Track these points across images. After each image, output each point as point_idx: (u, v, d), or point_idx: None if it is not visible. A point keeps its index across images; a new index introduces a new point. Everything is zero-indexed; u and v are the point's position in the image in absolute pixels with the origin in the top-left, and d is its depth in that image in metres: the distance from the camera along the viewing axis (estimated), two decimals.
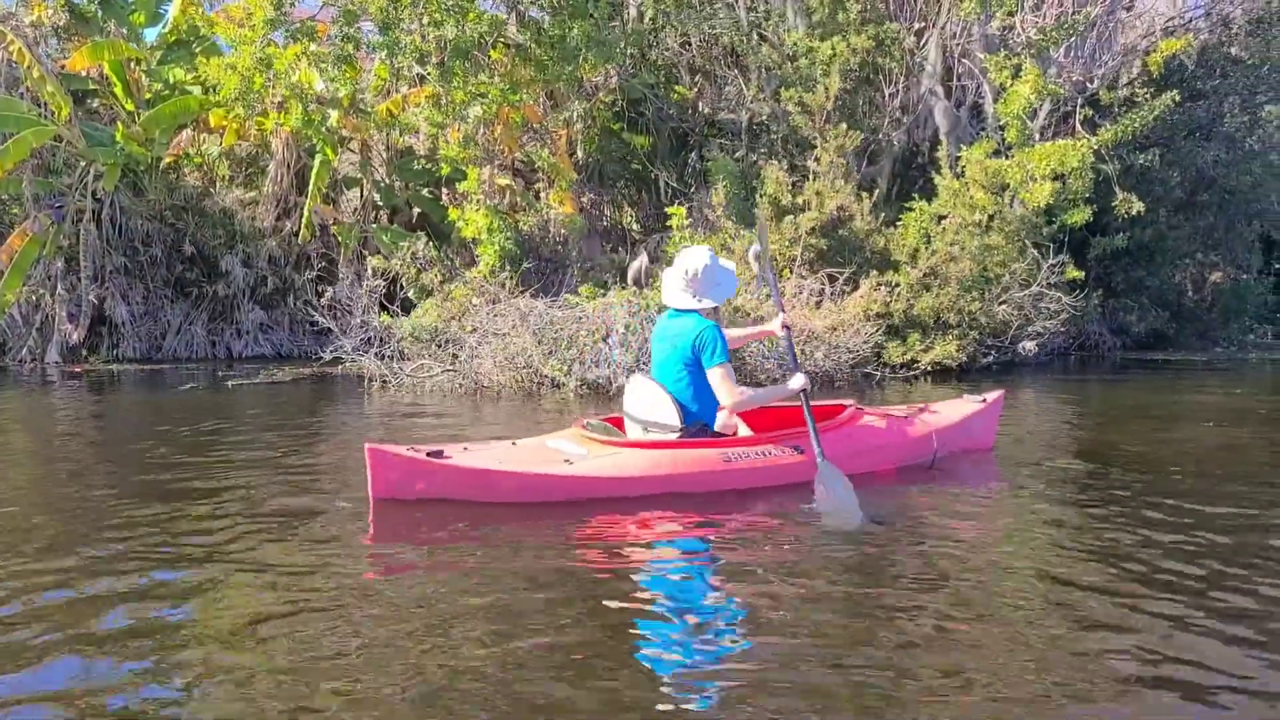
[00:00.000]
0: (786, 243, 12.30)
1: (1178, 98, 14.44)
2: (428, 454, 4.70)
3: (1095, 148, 13.65)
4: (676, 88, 17.87)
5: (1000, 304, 12.72)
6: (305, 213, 15.95)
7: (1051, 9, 15.26)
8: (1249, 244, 19.35)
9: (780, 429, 5.33)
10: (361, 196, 17.17)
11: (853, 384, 11.00)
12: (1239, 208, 18.37)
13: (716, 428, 5.07)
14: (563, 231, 15.21)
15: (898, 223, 13.60)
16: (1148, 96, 14.82)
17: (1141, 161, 15.24)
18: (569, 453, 4.85)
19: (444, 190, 17.38)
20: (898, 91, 15.45)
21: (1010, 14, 14.88)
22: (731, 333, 5.36)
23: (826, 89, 13.62)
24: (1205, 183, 18.16)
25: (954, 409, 6.04)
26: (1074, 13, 15.24)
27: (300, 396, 10.61)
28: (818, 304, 11.44)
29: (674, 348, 4.98)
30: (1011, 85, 14.11)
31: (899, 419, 5.65)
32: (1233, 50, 17.96)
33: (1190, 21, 18.46)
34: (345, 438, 7.32)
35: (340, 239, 16.09)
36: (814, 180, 13.09)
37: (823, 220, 12.46)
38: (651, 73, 17.67)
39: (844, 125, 13.47)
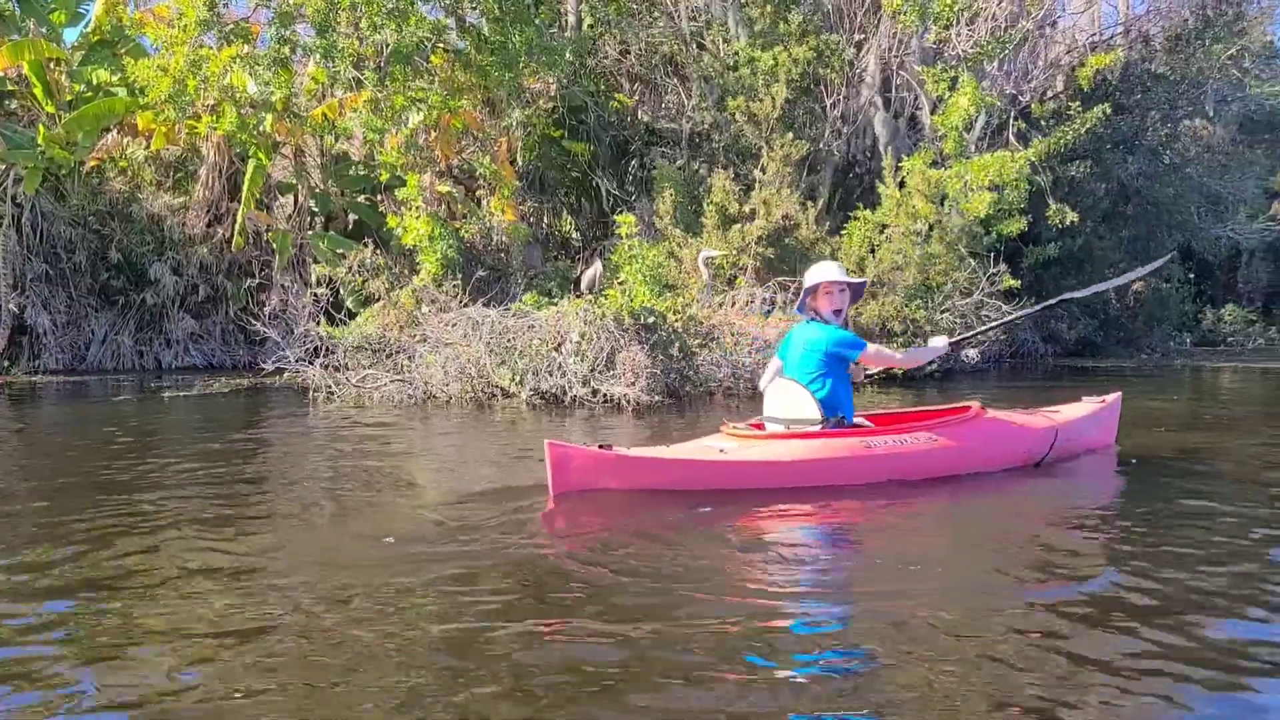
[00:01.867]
0: (735, 251, 12.31)
1: (1109, 110, 14.83)
2: (599, 447, 5.14)
3: (1031, 159, 13.94)
4: (617, 96, 17.85)
5: (943, 312, 12.91)
6: (238, 219, 15.52)
7: (985, 24, 15.62)
8: (1170, 254, 19.98)
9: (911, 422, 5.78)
10: (296, 203, 16.78)
11: None
12: (1160, 219, 18.98)
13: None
14: (505, 239, 15.05)
15: (841, 231, 13.74)
16: (1078, 110, 15.22)
17: (1073, 173, 15.63)
18: (723, 446, 5.26)
19: (381, 197, 17.06)
20: (838, 102, 15.63)
21: (946, 28, 15.19)
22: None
23: (773, 98, 13.69)
24: (1129, 194, 18.74)
25: (1074, 409, 6.41)
26: (1007, 28, 15.63)
27: (240, 408, 10.29)
28: (767, 312, 11.46)
29: (808, 351, 5.46)
30: (949, 97, 14.38)
31: (1021, 418, 6.05)
32: (1153, 67, 18.55)
33: (1111, 38, 19.05)
34: (299, 450, 7.10)
35: (275, 246, 15.69)
36: (761, 189, 13.15)
37: (770, 229, 12.52)
38: (591, 81, 17.62)
39: (790, 134, 13.56)
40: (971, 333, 7.24)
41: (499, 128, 16.12)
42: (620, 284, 10.91)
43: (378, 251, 12.88)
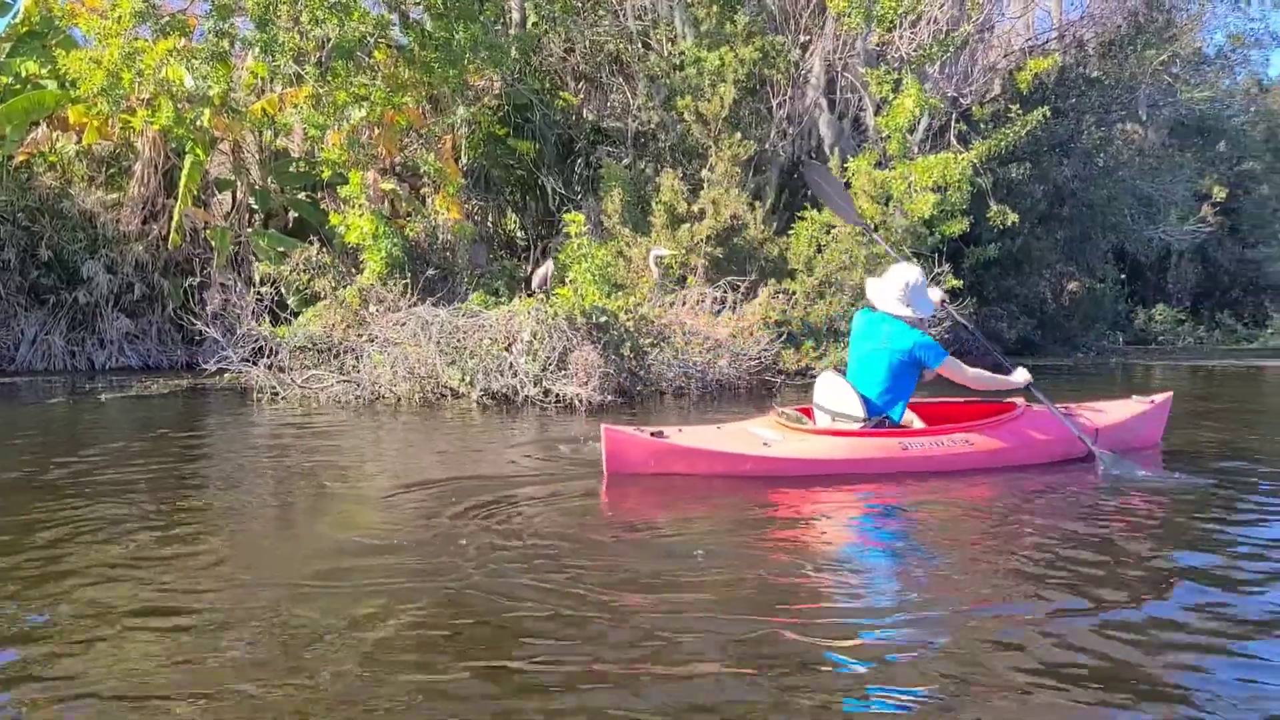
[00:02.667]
0: (684, 250, 12.32)
1: (1049, 113, 15.13)
2: (651, 434, 5.46)
3: (974, 161, 14.17)
4: (562, 94, 17.77)
5: None
6: (175, 216, 15.13)
7: (927, 27, 15.84)
8: (1104, 255, 20.47)
9: (951, 422, 5.95)
10: (235, 200, 16.42)
11: (753, 391, 11.10)
12: (1095, 220, 19.41)
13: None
14: (450, 238, 14.87)
15: (789, 231, 13.83)
16: (1018, 113, 15.50)
17: (1012, 175, 15.92)
18: (767, 437, 5.53)
19: (323, 194, 16.76)
20: (784, 103, 15.73)
21: (889, 30, 15.38)
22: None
23: (722, 98, 13.73)
24: (1064, 196, 19.14)
25: (1119, 409, 6.53)
26: (948, 31, 15.87)
27: (181, 410, 10.02)
28: (717, 312, 11.48)
29: (880, 348, 5.60)
30: (893, 99, 14.55)
31: (1064, 417, 6.06)
32: (1088, 71, 18.99)
33: (1045, 43, 19.45)
34: (243, 452, 6.92)
35: (214, 244, 15.34)
36: (709, 189, 13.18)
37: (719, 228, 12.55)
38: (536, 79, 17.51)
39: (738, 134, 13.61)
40: (1043, 399, 6.09)
41: (443, 125, 15.95)
42: (568, 283, 10.85)
43: (323, 249, 12.64)
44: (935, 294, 6.02)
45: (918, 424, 5.86)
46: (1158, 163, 20.61)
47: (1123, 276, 23.57)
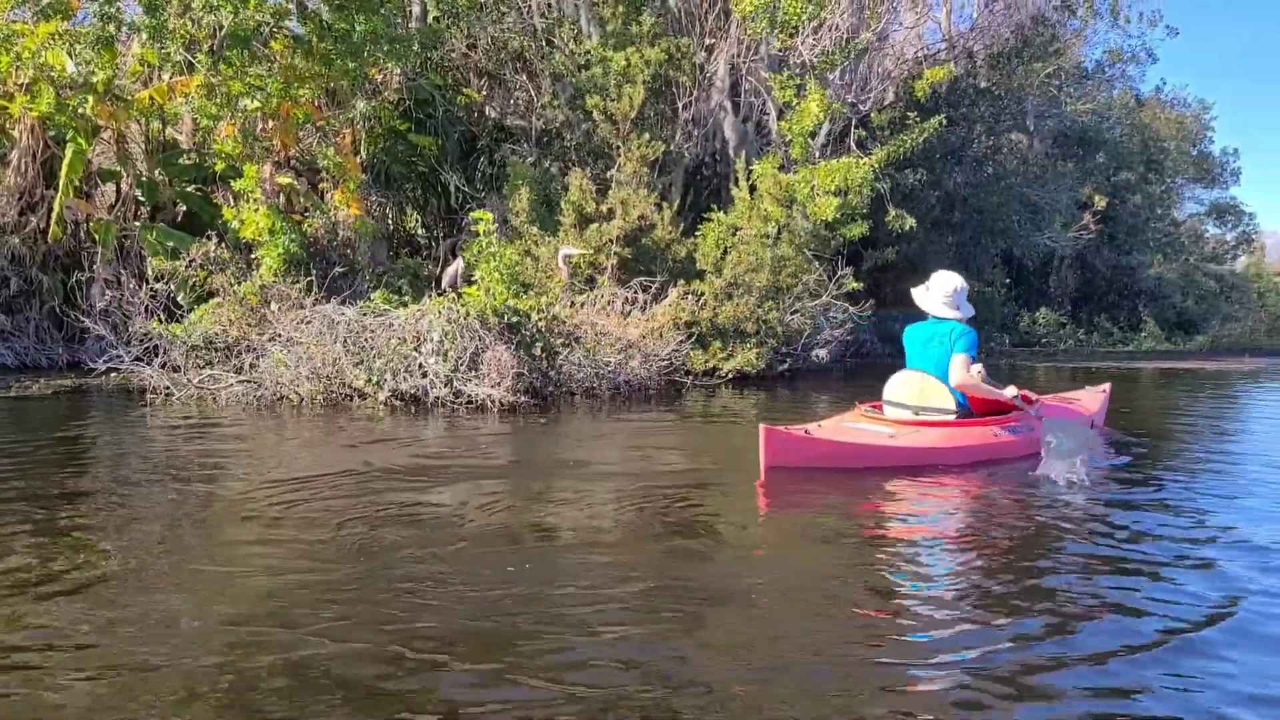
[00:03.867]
0: (593, 250, 12.27)
1: (945, 120, 15.55)
2: (804, 431, 6.00)
3: (874, 166, 14.47)
4: (464, 90, 17.51)
5: (793, 313, 13.23)
6: (55, 208, 14.38)
7: (829, 33, 16.13)
8: (993, 259, 21.17)
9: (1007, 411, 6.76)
10: (119, 192, 15.69)
11: (663, 392, 11.12)
12: (985, 226, 20.07)
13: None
14: (350, 235, 14.50)
15: (696, 233, 13.90)
16: (916, 120, 15.90)
17: (910, 181, 16.33)
18: (885, 431, 6.16)
19: (215, 187, 16.14)
20: (689, 104, 15.81)
21: (791, 36, 15.60)
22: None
23: (631, 99, 13.72)
24: (955, 202, 19.74)
25: (1091, 398, 7.91)
26: (848, 39, 16.19)
27: (65, 412, 9.49)
28: (626, 313, 11.46)
29: (944, 347, 6.35)
30: (797, 103, 14.77)
31: (1064, 406, 7.44)
32: (978, 82, 19.61)
33: (935, 53, 20.02)
34: (135, 456, 6.59)
35: (98, 238, 14.62)
36: (618, 189, 13.16)
37: (627, 229, 12.54)
38: (438, 74, 17.22)
39: (646, 135, 13.63)
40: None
41: (342, 119, 15.55)
42: (474, 282, 10.68)
43: (221, 245, 12.19)
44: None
45: None
46: (1042, 171, 21.41)
47: (1008, 280, 24.42)
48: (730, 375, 12.29)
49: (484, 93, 17.87)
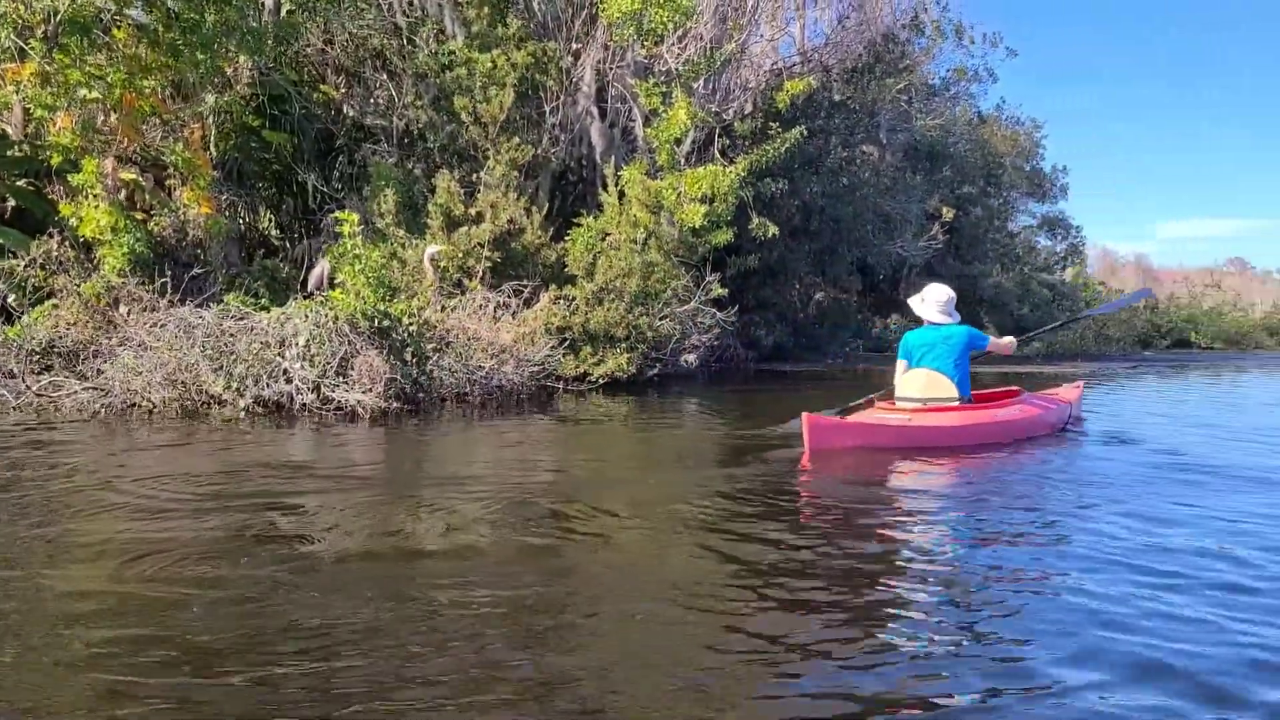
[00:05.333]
0: (461, 254, 12.04)
1: (806, 132, 15.92)
2: (838, 413, 7.21)
3: (741, 174, 14.69)
4: (321, 87, 16.93)
5: (662, 318, 13.30)
6: None
7: (694, 43, 16.33)
8: (849, 268, 21.82)
9: (1000, 400, 8.03)
10: None
11: (534, 397, 10.99)
12: (841, 235, 20.65)
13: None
14: (201, 235, 13.79)
15: (565, 238, 13.82)
16: (778, 130, 16.24)
17: (772, 189, 16.66)
18: (902, 418, 7.21)
19: (48, 182, 15.08)
20: (557, 109, 15.71)
21: (656, 44, 15.71)
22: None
23: (501, 101, 13.52)
24: (813, 212, 20.24)
25: (1070, 392, 9.00)
26: (712, 48, 16.43)
27: None
28: (497, 318, 11.27)
29: (950, 347, 7.43)
30: (664, 111, 14.87)
31: (1047, 397, 8.50)
32: (833, 95, 20.19)
33: (791, 66, 20.53)
34: None
35: None
36: (487, 192, 12.95)
37: (497, 232, 12.35)
38: (293, 69, 16.59)
39: (515, 139, 13.47)
40: (1034, 332, 10.21)
41: (191, 113, 14.78)
42: (338, 285, 10.31)
43: (64, 244, 11.39)
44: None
45: None
46: (893, 183, 22.20)
47: (859, 289, 25.24)
48: (602, 380, 12.27)
49: (342, 90, 17.31)
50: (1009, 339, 8.18)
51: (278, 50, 15.73)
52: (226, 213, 15.95)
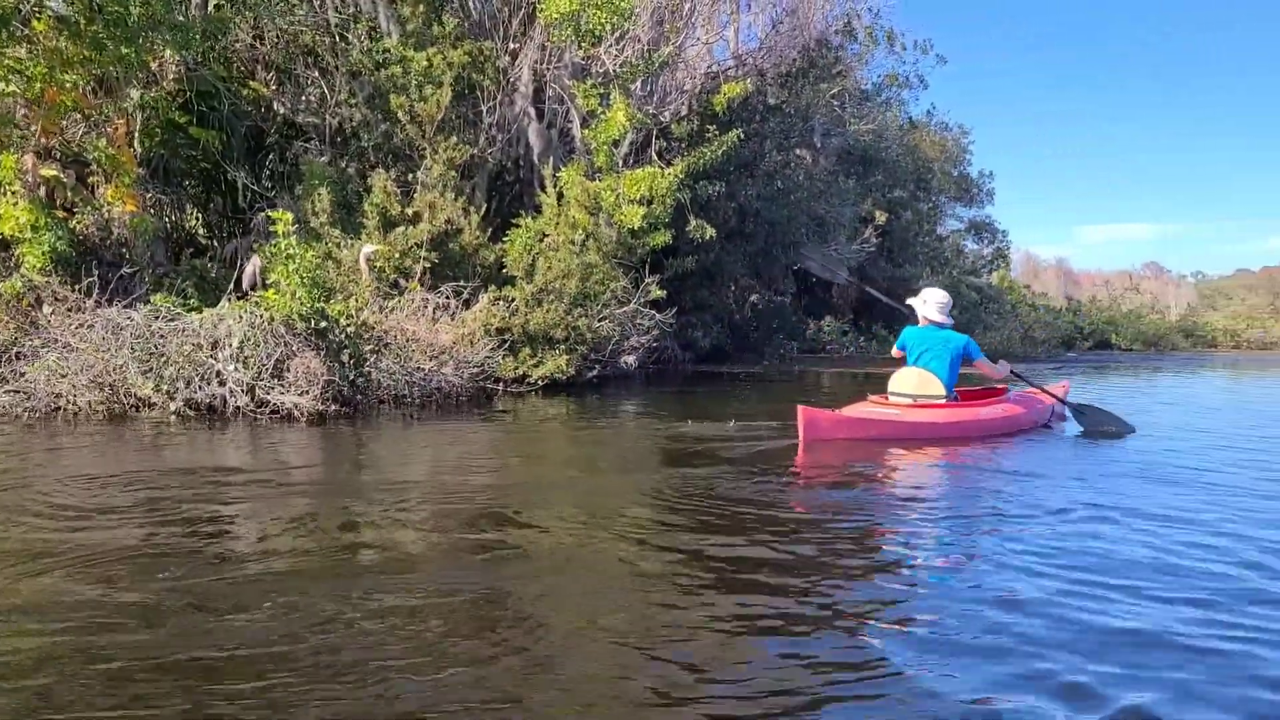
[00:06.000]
0: (398, 254, 11.87)
1: (743, 135, 16.01)
2: (832, 410, 7.59)
3: (679, 176, 14.71)
4: (251, 83, 16.55)
5: (601, 320, 13.26)
6: None
7: (632, 45, 16.32)
8: (784, 270, 22.00)
9: (985, 399, 8.61)
10: None
11: (474, 399, 10.88)
12: (776, 238, 20.79)
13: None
14: (126, 233, 13.39)
15: (504, 238, 13.71)
16: (715, 133, 16.31)
17: (709, 192, 16.73)
18: (893, 412, 7.80)
19: None
20: (494, 109, 15.58)
21: (594, 45, 15.66)
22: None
23: (439, 100, 13.36)
24: (749, 214, 20.36)
25: (1056, 389, 9.34)
26: (649, 50, 16.44)
27: None
28: (435, 319, 11.13)
29: (945, 349, 8.06)
30: (602, 112, 14.84)
31: (1032, 395, 9.04)
32: (768, 99, 20.34)
33: (725, 70, 20.64)
34: None
35: None
36: (425, 192, 12.78)
37: (434, 233, 12.20)
38: (222, 65, 16.19)
39: (454, 138, 13.32)
40: (1024, 375, 9.63)
41: (116, 108, 14.34)
42: (269, 285, 10.08)
43: None
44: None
45: None
46: (826, 187, 22.43)
47: (793, 291, 25.46)
48: (541, 382, 12.19)
49: (273, 87, 16.95)
50: (1002, 366, 8.69)
51: (205, 45, 15.34)
52: (152, 211, 15.52)
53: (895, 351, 8.56)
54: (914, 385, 8.09)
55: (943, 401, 7.97)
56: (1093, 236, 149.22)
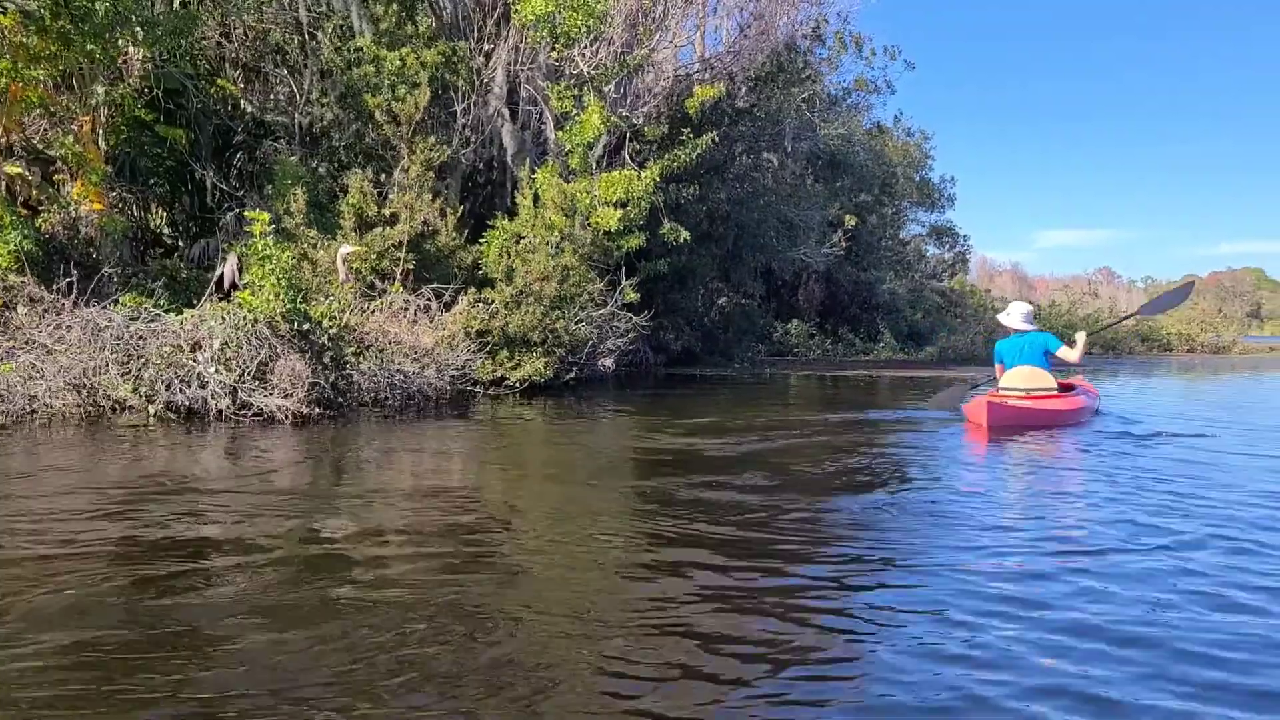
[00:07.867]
0: (375, 255, 11.75)
1: (717, 138, 16.05)
2: (1013, 402, 8.87)
3: (655, 178, 14.72)
4: (219, 81, 16.31)
5: (578, 322, 13.23)
6: None
7: (606, 47, 16.30)
8: (753, 273, 22.09)
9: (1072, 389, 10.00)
10: None
11: (453, 401, 10.80)
12: (746, 240, 20.88)
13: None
14: (93, 232, 13.13)
15: (481, 239, 13.63)
16: (689, 135, 16.34)
17: (683, 195, 16.75)
18: (1028, 403, 8.96)
19: None
20: (468, 109, 15.49)
21: (567, 47, 15.62)
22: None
23: (416, 101, 13.26)
24: (719, 218, 20.42)
25: (1092, 383, 11.17)
26: (623, 53, 16.43)
27: None
28: (414, 321, 11.03)
29: (1035, 348, 9.35)
30: (576, 114, 14.81)
31: (1087, 388, 10.40)
32: (738, 103, 20.40)
33: (693, 74, 20.69)
34: None
35: None
36: (402, 193, 12.67)
37: (411, 234, 12.10)
38: (190, 62, 15.94)
39: (431, 138, 13.22)
40: (1101, 326, 11.33)
41: (82, 104, 14.05)
42: (245, 286, 9.95)
43: None
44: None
45: None
46: (795, 190, 22.57)
47: (761, 294, 25.58)
48: (519, 384, 12.13)
49: (241, 85, 16.73)
50: (1076, 349, 9.48)
51: (173, 42, 15.10)
52: (118, 209, 15.24)
53: (996, 367, 9.69)
54: (1025, 379, 9.21)
55: (1055, 392, 9.19)
56: (1050, 241, 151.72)
